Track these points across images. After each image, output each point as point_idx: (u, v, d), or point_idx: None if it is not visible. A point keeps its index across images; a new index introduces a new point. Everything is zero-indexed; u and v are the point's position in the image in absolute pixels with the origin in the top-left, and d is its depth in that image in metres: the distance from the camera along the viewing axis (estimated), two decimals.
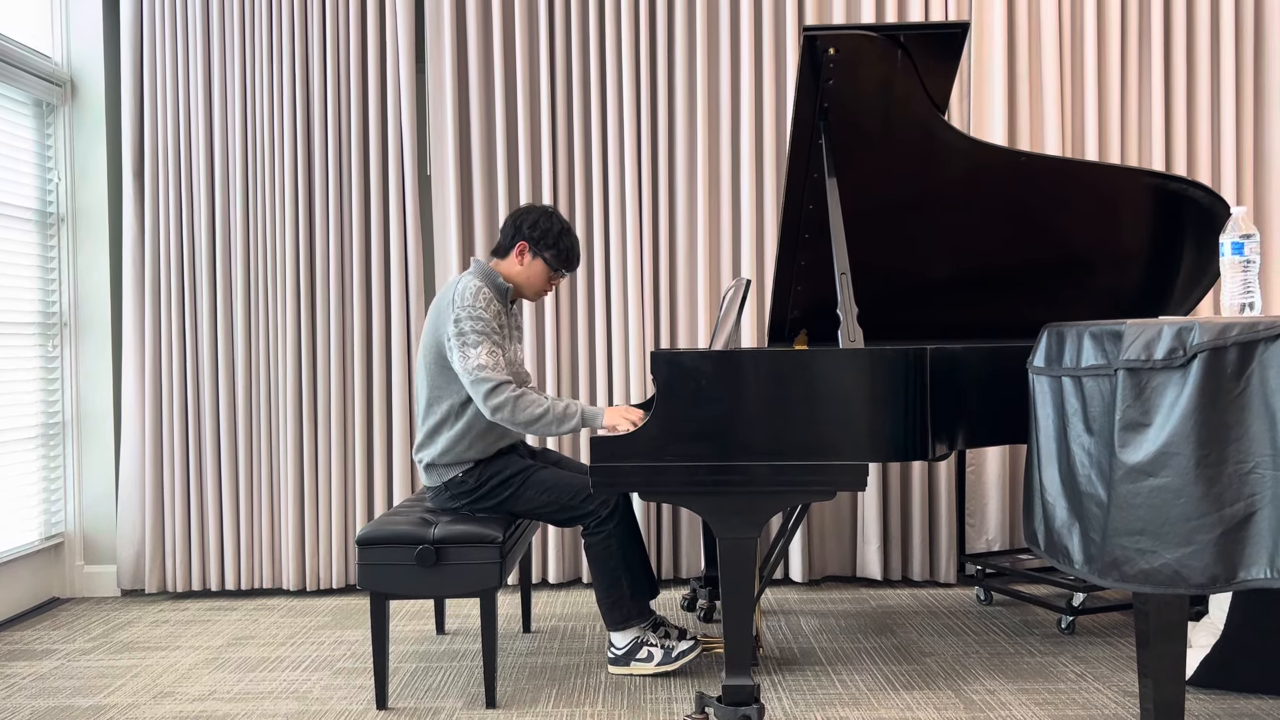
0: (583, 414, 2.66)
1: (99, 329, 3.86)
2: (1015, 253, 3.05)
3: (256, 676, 2.91)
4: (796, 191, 2.81)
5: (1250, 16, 3.78)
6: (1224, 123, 3.77)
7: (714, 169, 3.80)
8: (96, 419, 3.86)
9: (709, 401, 2.38)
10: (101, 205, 3.84)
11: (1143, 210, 3.02)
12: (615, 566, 2.73)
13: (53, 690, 2.84)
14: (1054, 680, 2.74)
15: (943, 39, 2.66)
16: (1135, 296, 3.15)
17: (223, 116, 3.81)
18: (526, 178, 3.77)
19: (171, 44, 3.80)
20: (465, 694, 2.73)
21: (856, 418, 2.39)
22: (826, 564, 3.85)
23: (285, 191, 3.77)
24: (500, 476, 2.76)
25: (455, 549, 2.59)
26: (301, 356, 3.78)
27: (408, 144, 3.77)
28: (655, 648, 2.78)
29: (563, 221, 2.84)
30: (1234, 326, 1.87)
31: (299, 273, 3.78)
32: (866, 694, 2.66)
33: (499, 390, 2.62)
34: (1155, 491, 1.91)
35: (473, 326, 2.66)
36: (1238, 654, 2.55)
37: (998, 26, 3.71)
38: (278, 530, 3.82)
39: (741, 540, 2.40)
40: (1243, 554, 1.87)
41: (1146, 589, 1.94)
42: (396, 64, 3.78)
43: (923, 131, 2.78)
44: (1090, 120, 3.76)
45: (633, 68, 3.75)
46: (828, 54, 2.58)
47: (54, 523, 3.83)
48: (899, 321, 3.08)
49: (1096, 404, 2.06)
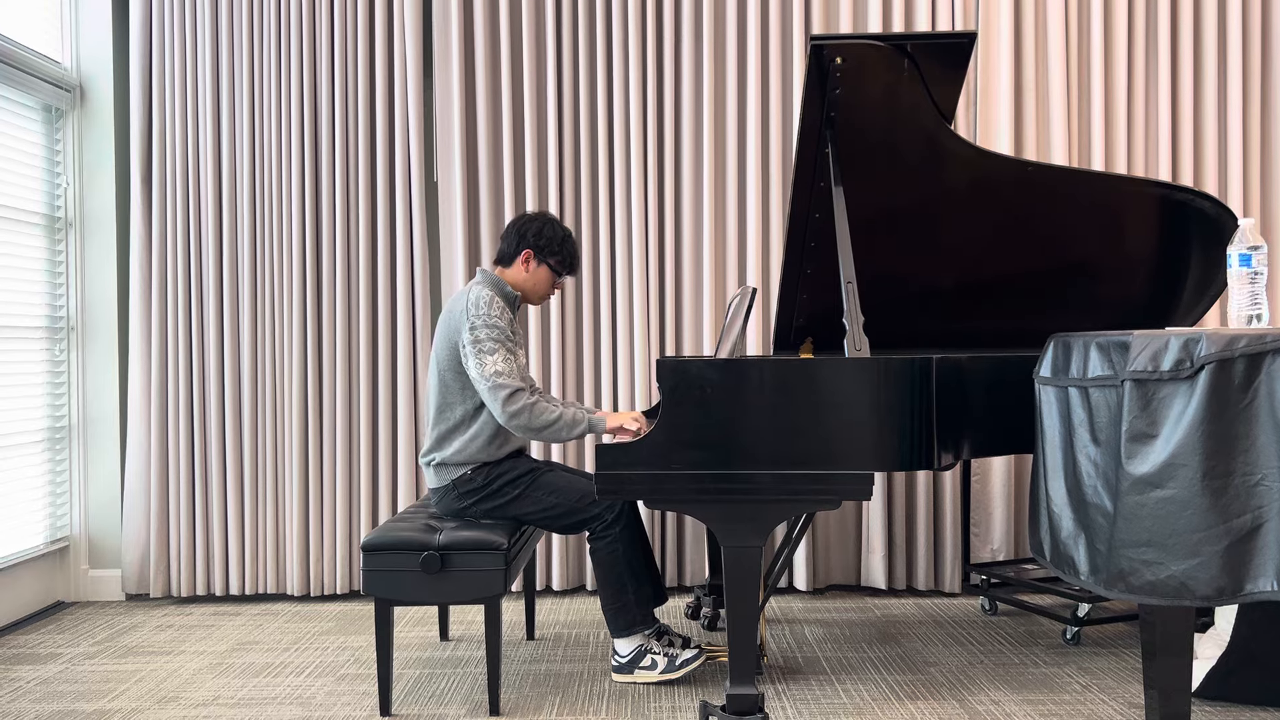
0: (589, 421, 2.72)
1: (106, 333, 3.87)
2: (1021, 262, 3.05)
3: (260, 682, 2.91)
4: (803, 200, 2.82)
5: (1258, 25, 3.78)
6: (1231, 133, 3.76)
7: (720, 176, 3.80)
8: (102, 423, 3.87)
9: (714, 409, 2.37)
10: (110, 210, 3.86)
11: (1149, 220, 3.02)
12: (620, 572, 2.74)
13: (57, 694, 2.84)
14: (1059, 691, 2.73)
15: (949, 48, 2.67)
16: (1141, 307, 3.15)
17: (231, 122, 3.83)
18: (533, 184, 3.78)
19: (180, 50, 3.82)
20: (469, 701, 2.73)
21: (862, 427, 2.39)
22: (831, 573, 3.85)
23: (292, 197, 3.79)
24: (508, 476, 2.77)
25: (460, 555, 2.59)
26: (307, 361, 3.79)
27: (414, 150, 3.78)
28: (659, 656, 2.78)
29: (564, 228, 2.92)
30: (1241, 338, 1.87)
31: (305, 278, 3.79)
32: (871, 704, 2.65)
33: (516, 397, 2.66)
34: (1162, 503, 1.91)
35: (488, 334, 2.69)
36: (1243, 666, 2.54)
37: (1004, 36, 3.71)
38: (283, 535, 3.82)
39: (746, 549, 2.40)
40: (1249, 566, 1.86)
41: (1153, 600, 1.94)
42: (404, 71, 3.79)
43: (929, 141, 2.78)
44: (1096, 130, 3.76)
45: (639, 76, 3.75)
46: (834, 63, 2.58)
47: (59, 527, 3.83)
48: (905, 330, 3.08)
49: (1103, 415, 2.06)
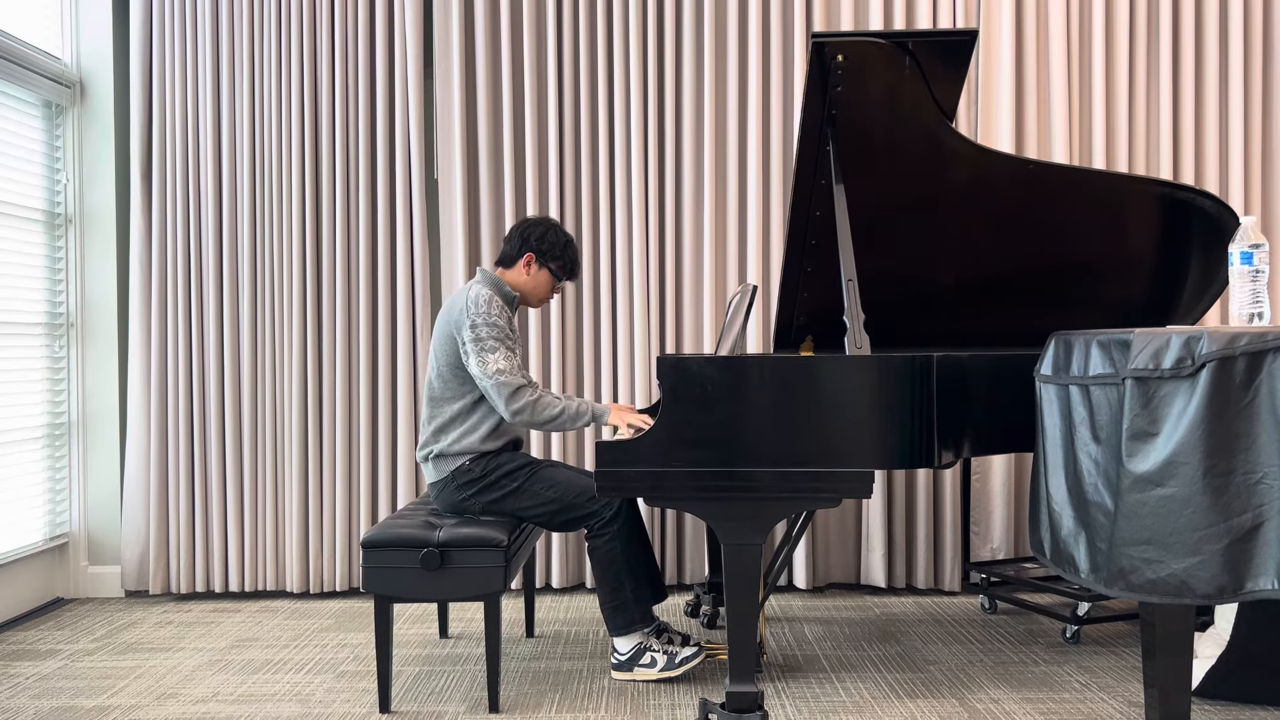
0: (592, 411, 2.77)
1: (106, 330, 3.86)
2: (1022, 260, 3.05)
3: (260, 679, 2.91)
4: (803, 198, 2.82)
5: (1259, 23, 3.77)
6: (1232, 131, 3.76)
7: (721, 174, 3.80)
8: (102, 420, 3.87)
9: (714, 407, 2.37)
10: (109, 207, 3.85)
11: (1150, 219, 3.01)
12: (619, 570, 2.74)
13: (56, 691, 2.84)
14: (1059, 690, 2.73)
15: (951, 46, 2.66)
16: (1143, 305, 3.14)
17: (231, 119, 3.82)
18: (533, 181, 3.78)
19: (181, 46, 3.81)
20: (468, 698, 2.73)
21: (862, 425, 2.39)
22: (831, 571, 3.85)
23: (293, 194, 3.78)
24: (506, 468, 2.78)
25: (460, 552, 2.59)
26: (307, 358, 3.79)
27: (415, 147, 3.78)
28: (658, 653, 2.77)
29: (566, 233, 2.94)
30: (1243, 336, 1.87)
31: (305, 275, 3.79)
32: (870, 702, 2.65)
33: (520, 394, 2.69)
34: (1162, 501, 1.91)
35: (489, 333, 2.71)
36: (1243, 665, 2.54)
37: (1005, 34, 3.71)
38: (282, 532, 3.82)
39: (746, 546, 2.40)
40: (1250, 564, 1.86)
41: (1153, 599, 1.93)
42: (405, 69, 3.79)
43: (930, 139, 2.78)
44: (1098, 128, 3.76)
45: (640, 74, 3.75)
46: (836, 60, 2.57)
47: (59, 523, 3.83)
48: (905, 329, 3.08)
49: (1104, 413, 2.05)
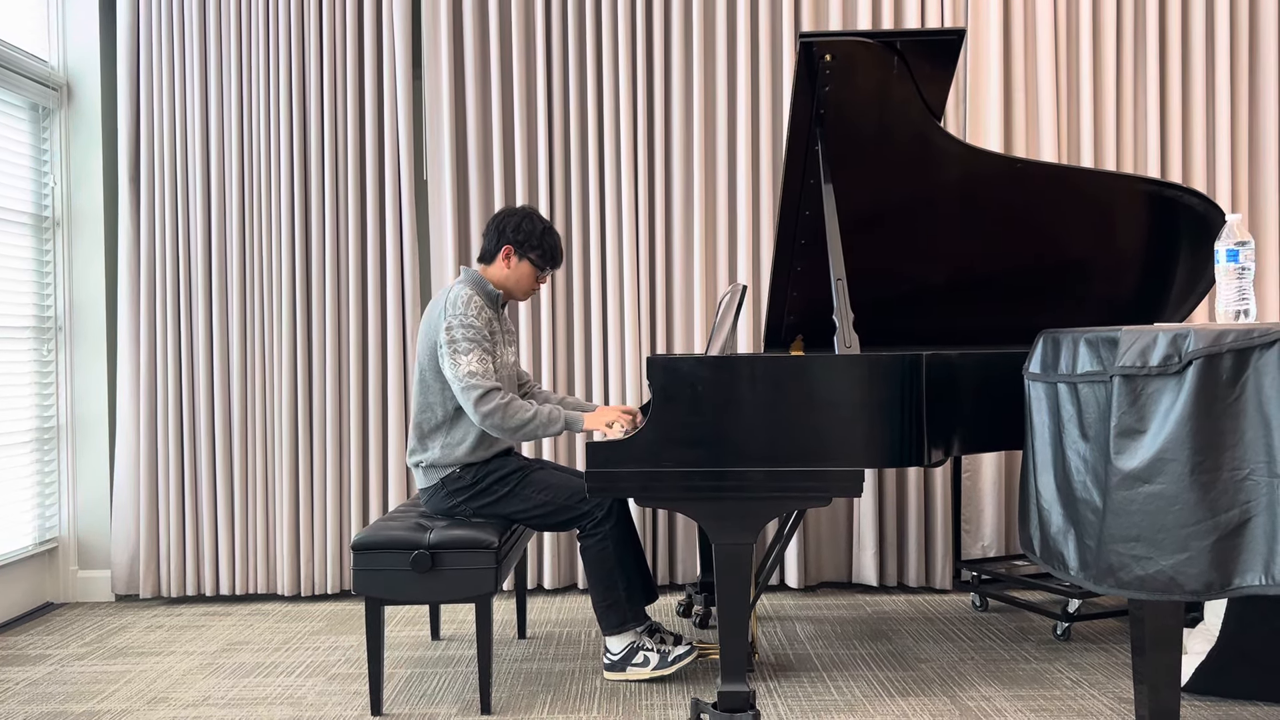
0: (565, 419, 2.72)
1: (94, 333, 3.85)
2: (1011, 259, 3.06)
3: (251, 682, 2.90)
4: (793, 197, 2.82)
5: (1245, 23, 3.79)
6: (1219, 129, 3.77)
7: (710, 174, 3.80)
8: (91, 423, 3.85)
9: (705, 407, 2.37)
10: (97, 210, 3.84)
11: (1138, 217, 3.03)
12: (611, 570, 2.73)
13: (46, 695, 2.82)
14: (1049, 687, 2.74)
15: (939, 45, 2.67)
16: (1130, 303, 3.16)
17: (219, 121, 3.81)
18: (523, 182, 3.77)
19: (168, 48, 3.80)
20: (460, 700, 2.72)
21: (853, 424, 2.39)
22: (822, 570, 3.85)
23: (281, 196, 3.77)
24: (497, 474, 2.77)
25: (451, 554, 2.58)
26: (297, 361, 3.78)
27: (404, 148, 3.77)
28: (651, 653, 2.77)
29: (543, 220, 2.88)
30: (1229, 333, 1.88)
31: (294, 277, 3.78)
32: (862, 700, 2.66)
33: (489, 397, 2.65)
34: (1150, 498, 1.92)
35: (464, 334, 2.68)
36: (1233, 660, 2.55)
37: (993, 33, 3.72)
38: (273, 535, 3.81)
39: (737, 546, 2.40)
40: (1238, 560, 1.87)
41: (1142, 595, 1.94)
42: (394, 69, 3.78)
43: (919, 138, 2.78)
44: (1086, 127, 3.77)
45: (629, 73, 3.75)
46: (824, 60, 2.58)
47: (48, 527, 3.81)
48: (895, 327, 3.08)
49: (1092, 410, 2.06)
